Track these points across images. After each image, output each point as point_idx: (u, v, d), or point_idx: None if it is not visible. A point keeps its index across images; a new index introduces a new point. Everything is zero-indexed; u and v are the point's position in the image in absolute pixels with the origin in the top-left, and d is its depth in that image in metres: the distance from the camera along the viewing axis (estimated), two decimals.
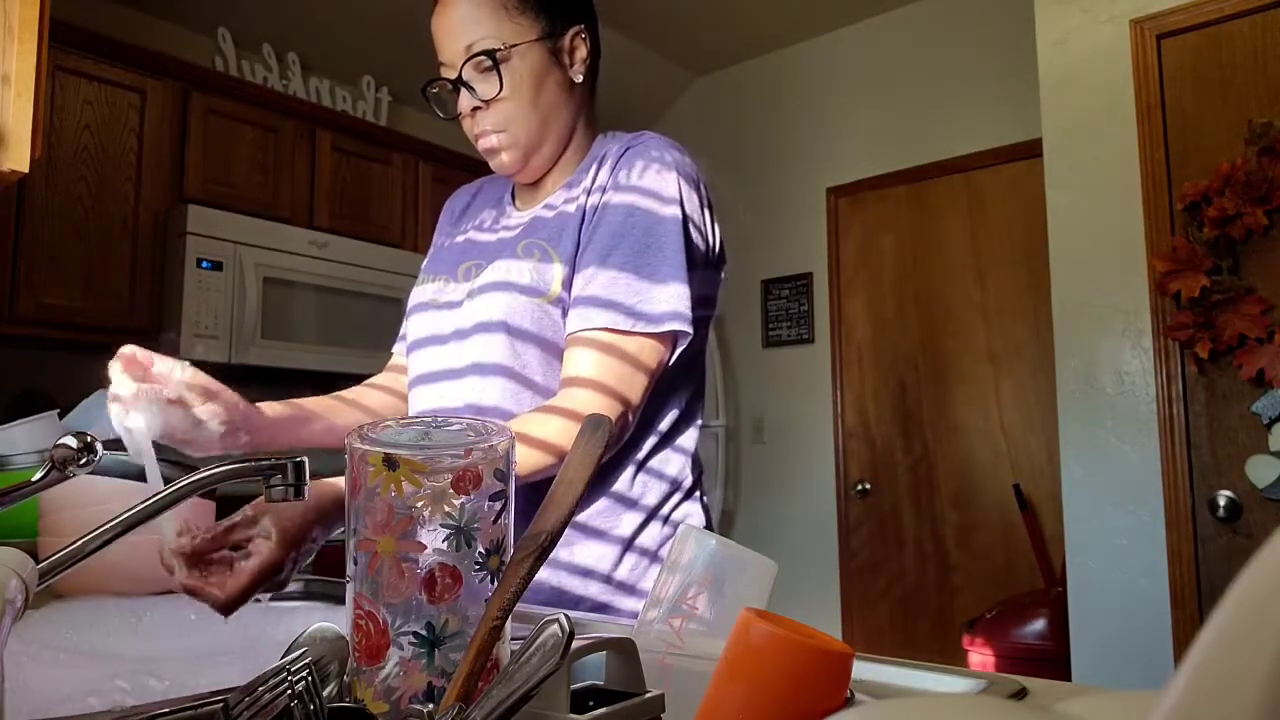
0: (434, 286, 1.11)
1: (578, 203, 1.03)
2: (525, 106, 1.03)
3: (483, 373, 1.00)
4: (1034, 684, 0.61)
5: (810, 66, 3.86)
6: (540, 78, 1.03)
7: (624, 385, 0.94)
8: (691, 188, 1.01)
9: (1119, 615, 2.19)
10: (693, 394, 1.08)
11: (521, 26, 1.01)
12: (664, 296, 0.95)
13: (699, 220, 1.02)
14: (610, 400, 0.92)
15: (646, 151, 1.02)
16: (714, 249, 1.06)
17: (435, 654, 0.48)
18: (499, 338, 0.99)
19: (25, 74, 1.22)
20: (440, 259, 1.15)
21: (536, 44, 1.02)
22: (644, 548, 1.01)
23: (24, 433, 1.55)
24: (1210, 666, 0.17)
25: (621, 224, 0.98)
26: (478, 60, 1.01)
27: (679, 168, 1.01)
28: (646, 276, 0.96)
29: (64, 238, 2.60)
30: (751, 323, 3.92)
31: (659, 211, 0.98)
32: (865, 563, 3.55)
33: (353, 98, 3.51)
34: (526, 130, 1.04)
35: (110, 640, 0.78)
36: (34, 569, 0.47)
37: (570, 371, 0.95)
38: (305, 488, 0.61)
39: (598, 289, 0.96)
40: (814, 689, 0.43)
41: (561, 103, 1.06)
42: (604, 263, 0.96)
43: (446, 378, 1.04)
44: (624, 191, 1.00)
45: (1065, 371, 2.33)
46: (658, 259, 0.96)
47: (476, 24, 1.01)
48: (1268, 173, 2.03)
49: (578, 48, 1.06)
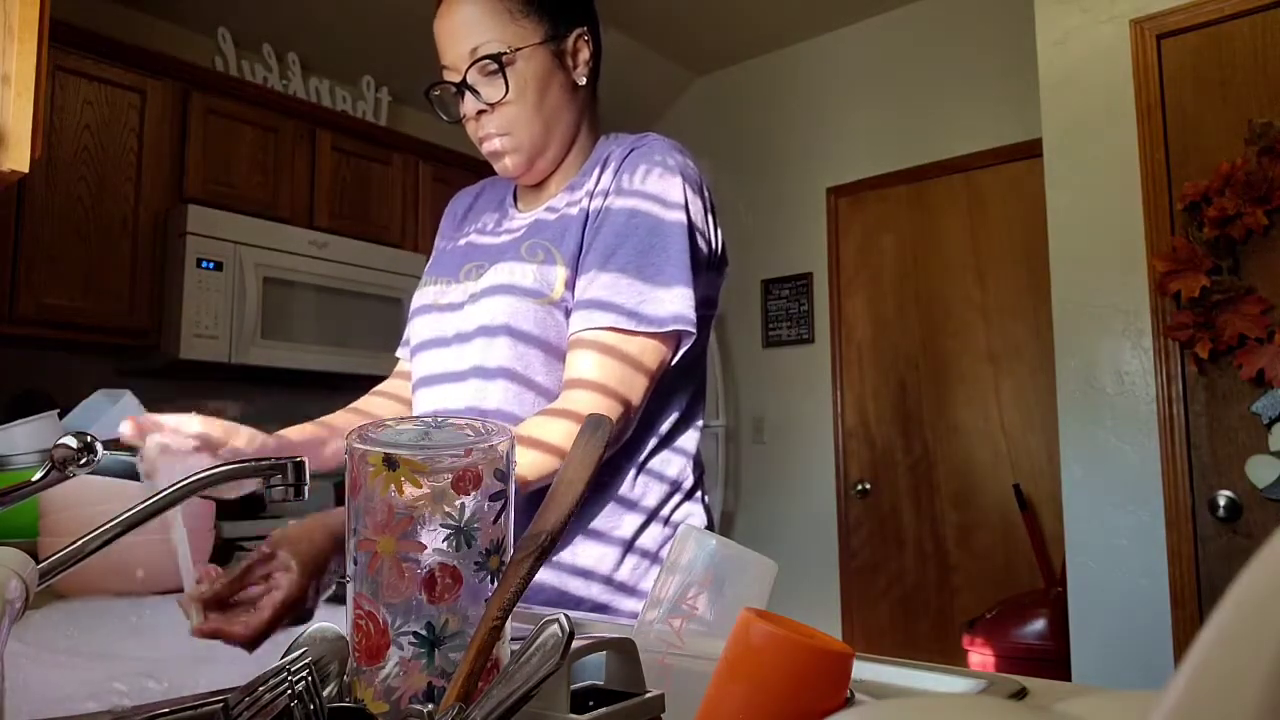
0: (436, 289, 1.11)
1: (580, 205, 1.03)
2: (530, 110, 1.03)
3: (485, 375, 1.00)
4: (1034, 684, 0.61)
5: (810, 66, 3.86)
6: (545, 81, 1.03)
7: (625, 386, 0.94)
8: (695, 191, 1.01)
9: (1119, 615, 2.19)
10: (693, 396, 1.08)
11: (525, 29, 1.02)
12: (667, 298, 0.95)
13: (702, 223, 1.02)
14: (611, 401, 0.92)
15: (650, 154, 1.02)
16: (716, 252, 1.06)
17: (435, 654, 0.48)
18: (501, 340, 0.99)
19: (25, 74, 1.22)
20: (442, 261, 1.15)
21: (540, 47, 1.02)
22: (644, 549, 1.01)
23: (24, 433, 1.55)
24: (1210, 666, 0.17)
25: (625, 226, 0.98)
26: (482, 64, 1.00)
27: (683, 171, 1.01)
28: (650, 279, 0.96)
29: (64, 238, 2.59)
30: (751, 323, 3.92)
31: (662, 214, 0.98)
32: (865, 563, 3.55)
33: (353, 98, 3.51)
34: (531, 134, 1.04)
35: (109, 641, 0.78)
36: (34, 569, 0.47)
37: (572, 373, 0.95)
38: (305, 487, 0.61)
39: (600, 290, 0.96)
40: (814, 689, 0.43)
41: (565, 105, 1.06)
42: (607, 265, 0.96)
43: (449, 380, 1.04)
44: (627, 195, 1.00)
45: (1065, 371, 2.33)
46: (661, 261, 0.96)
47: (481, 27, 1.00)
48: (1268, 173, 2.03)
49: (581, 50, 1.07)
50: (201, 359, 2.74)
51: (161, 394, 2.88)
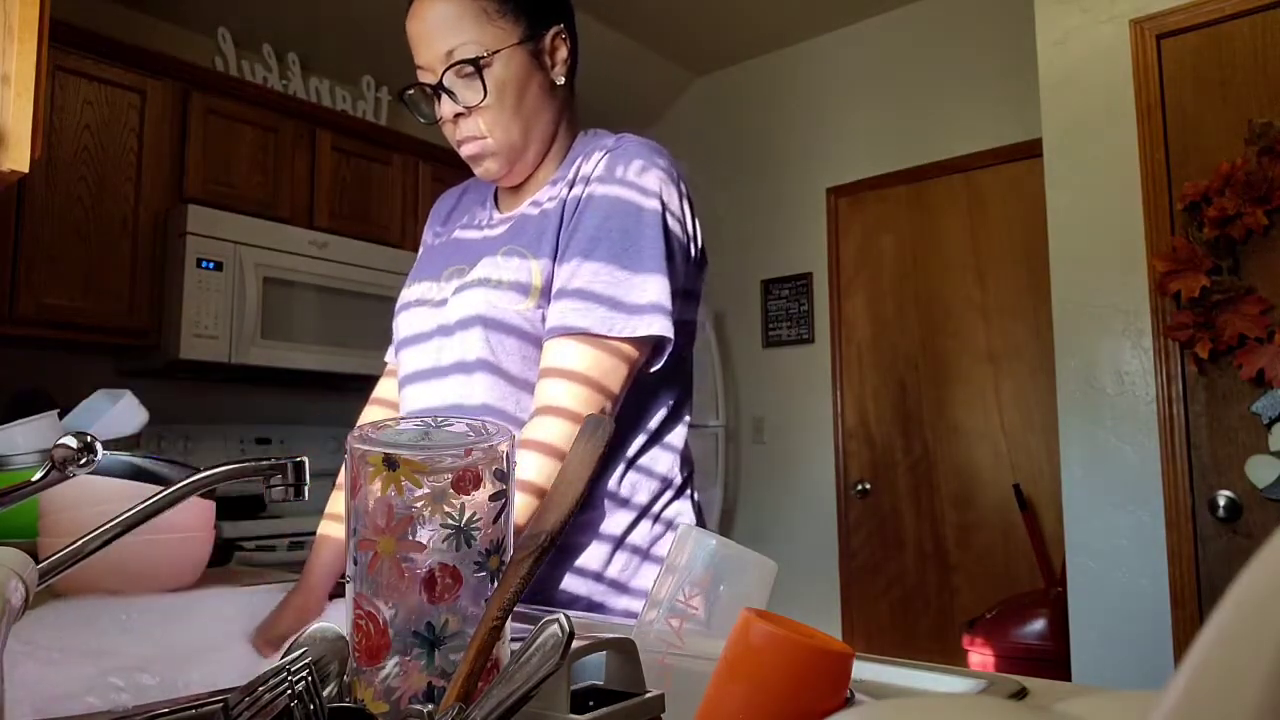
0: (420, 288, 1.11)
1: (559, 200, 1.02)
2: (509, 113, 1.02)
3: (466, 369, 1.00)
4: (1034, 684, 0.61)
5: (810, 66, 3.86)
6: (523, 82, 1.02)
7: (604, 379, 0.93)
8: (672, 183, 1.01)
9: (1119, 615, 2.19)
10: (681, 392, 1.08)
11: (503, 30, 1.00)
12: (644, 292, 0.95)
13: (679, 215, 1.02)
14: (592, 392, 0.92)
15: (626, 152, 1.01)
16: (695, 245, 1.05)
17: (435, 654, 0.48)
18: (479, 333, 0.99)
19: (25, 74, 1.22)
20: (427, 261, 1.15)
21: (518, 48, 1.01)
22: (635, 546, 1.01)
23: (24, 433, 1.55)
24: (1210, 666, 0.17)
25: (602, 221, 0.97)
26: (459, 67, 0.99)
27: (658, 166, 1.01)
28: (628, 268, 0.95)
29: (64, 238, 2.60)
30: (751, 323, 3.91)
31: (640, 207, 0.98)
32: (865, 563, 3.55)
33: (353, 98, 3.51)
34: (510, 137, 1.03)
35: (106, 640, 0.78)
36: (34, 569, 0.47)
37: (549, 363, 0.95)
38: (305, 487, 0.61)
39: (578, 284, 0.96)
40: (814, 689, 0.43)
41: (544, 105, 1.05)
42: (585, 259, 0.96)
43: (433, 376, 1.04)
44: (607, 184, 0.99)
45: (1065, 371, 2.33)
46: (637, 255, 0.96)
47: (457, 28, 0.99)
48: (1268, 173, 2.03)
49: (558, 48, 1.05)
50: (201, 359, 2.74)
51: (161, 394, 2.88)
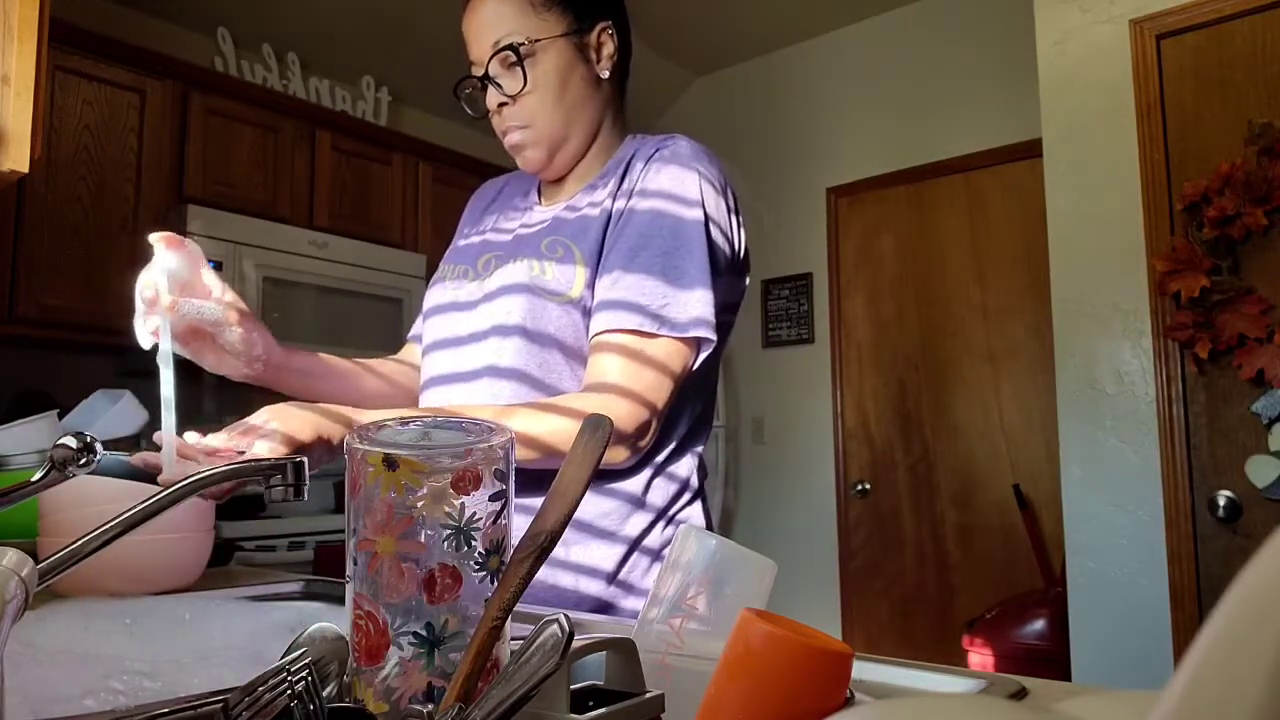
0: (452, 283, 1.11)
1: (603, 205, 1.02)
2: (550, 102, 1.03)
3: (498, 375, 1.00)
4: (1034, 684, 0.61)
5: (810, 66, 3.86)
6: (565, 73, 1.03)
7: (650, 391, 0.93)
8: (718, 193, 1.01)
9: (1119, 615, 2.19)
10: (708, 398, 1.08)
11: (548, 22, 1.02)
12: (690, 301, 0.95)
13: (724, 225, 1.01)
14: (636, 405, 0.92)
15: (676, 157, 1.01)
16: (739, 254, 1.05)
17: (435, 654, 0.48)
18: (515, 340, 0.99)
19: (25, 74, 1.22)
20: (461, 252, 1.15)
21: (562, 39, 1.03)
22: (648, 547, 1.01)
23: (24, 433, 1.55)
24: (1210, 666, 0.17)
25: (648, 228, 0.97)
26: (503, 55, 1.01)
27: (707, 174, 1.01)
28: (673, 281, 0.95)
29: (64, 238, 2.59)
30: (751, 323, 3.91)
31: (685, 216, 0.97)
32: (865, 563, 3.55)
33: (353, 98, 3.51)
34: (551, 126, 1.04)
35: (106, 641, 0.78)
36: (34, 569, 0.47)
37: (594, 376, 0.94)
38: (305, 487, 0.61)
39: (623, 292, 0.95)
40: (814, 689, 0.43)
41: (587, 98, 1.06)
42: (629, 266, 0.96)
43: (460, 380, 1.04)
44: (651, 196, 0.99)
45: (1065, 371, 2.33)
46: (684, 264, 0.96)
47: (503, 21, 1.01)
48: (1267, 173, 2.03)
49: (605, 44, 1.07)
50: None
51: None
